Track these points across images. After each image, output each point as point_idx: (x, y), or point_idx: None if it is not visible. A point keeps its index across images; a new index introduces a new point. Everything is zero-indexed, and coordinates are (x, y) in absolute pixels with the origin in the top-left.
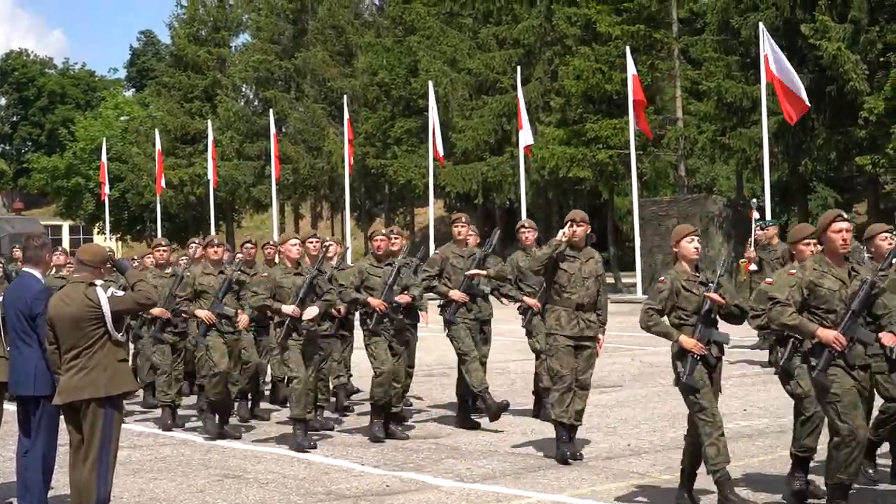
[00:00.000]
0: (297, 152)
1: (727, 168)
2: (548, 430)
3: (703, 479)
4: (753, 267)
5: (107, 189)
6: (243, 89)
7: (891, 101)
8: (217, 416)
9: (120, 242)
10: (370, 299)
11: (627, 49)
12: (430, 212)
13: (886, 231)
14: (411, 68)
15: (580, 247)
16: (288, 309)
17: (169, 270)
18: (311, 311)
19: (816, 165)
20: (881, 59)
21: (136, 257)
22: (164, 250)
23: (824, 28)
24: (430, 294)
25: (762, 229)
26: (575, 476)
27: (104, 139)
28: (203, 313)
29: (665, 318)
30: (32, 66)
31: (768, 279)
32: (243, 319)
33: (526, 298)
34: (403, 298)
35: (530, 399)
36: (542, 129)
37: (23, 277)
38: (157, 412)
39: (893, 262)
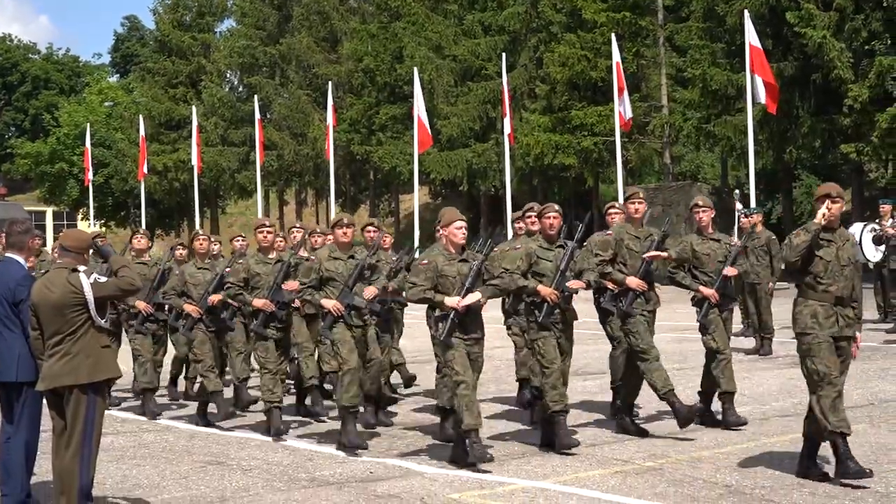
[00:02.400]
0: (281, 138)
1: (712, 156)
2: (528, 417)
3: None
4: None
5: (91, 175)
6: (228, 75)
7: (875, 89)
8: (368, 410)
9: (104, 228)
10: (541, 287)
11: (613, 36)
12: (415, 198)
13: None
14: (396, 55)
15: (834, 227)
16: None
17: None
18: (473, 297)
19: (801, 153)
20: (866, 48)
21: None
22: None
23: (809, 16)
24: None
25: (747, 216)
26: (558, 463)
27: (88, 125)
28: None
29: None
30: (16, 51)
31: None
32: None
33: (702, 288)
34: (577, 284)
35: (514, 386)
36: (528, 116)
37: (6, 263)
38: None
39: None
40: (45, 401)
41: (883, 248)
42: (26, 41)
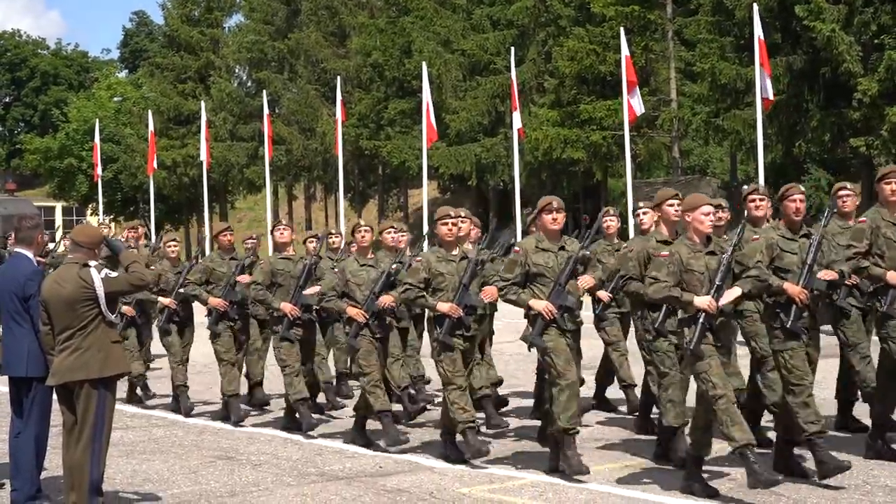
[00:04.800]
0: (290, 133)
1: (721, 150)
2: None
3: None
4: None
5: (100, 170)
6: (236, 70)
7: (885, 83)
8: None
9: (113, 224)
10: (788, 285)
11: (622, 30)
12: (424, 193)
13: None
14: (405, 49)
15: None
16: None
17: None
18: (733, 293)
19: (810, 147)
20: (875, 41)
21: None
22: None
23: (818, 9)
24: None
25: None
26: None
27: (97, 120)
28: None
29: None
30: (25, 46)
31: None
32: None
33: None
34: (828, 275)
35: (524, 381)
36: (536, 110)
37: (15, 258)
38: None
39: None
40: (55, 396)
41: None
42: (35, 37)
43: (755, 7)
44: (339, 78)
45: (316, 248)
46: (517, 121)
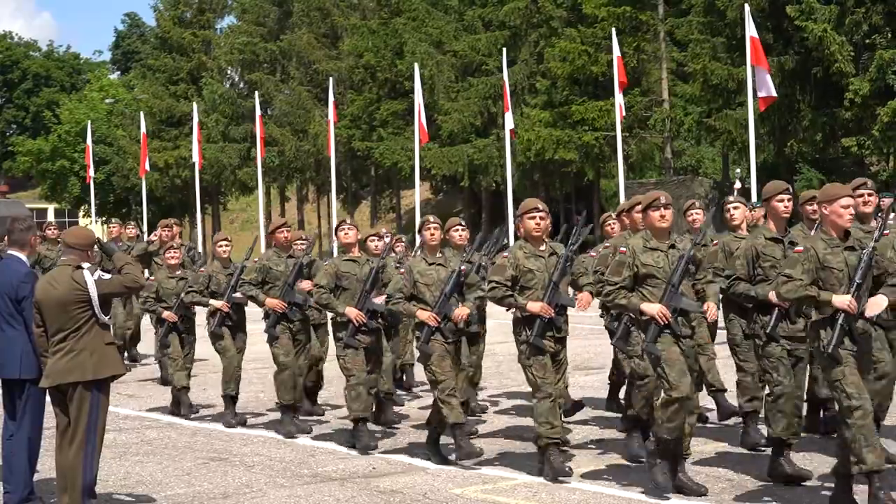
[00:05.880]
0: (282, 135)
1: (713, 150)
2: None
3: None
4: None
5: (92, 172)
6: (228, 72)
7: (876, 83)
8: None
9: (105, 226)
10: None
11: (613, 31)
12: (416, 194)
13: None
14: (397, 50)
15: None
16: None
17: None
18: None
19: (802, 147)
20: (867, 41)
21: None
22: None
23: (810, 9)
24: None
25: (750, 210)
26: (561, 458)
27: (89, 122)
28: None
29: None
30: (17, 48)
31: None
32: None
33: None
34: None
35: (516, 381)
36: (528, 111)
37: (8, 260)
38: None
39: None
40: (48, 398)
41: None
42: (27, 38)
43: (747, 7)
44: (331, 79)
45: (381, 249)
46: (509, 122)
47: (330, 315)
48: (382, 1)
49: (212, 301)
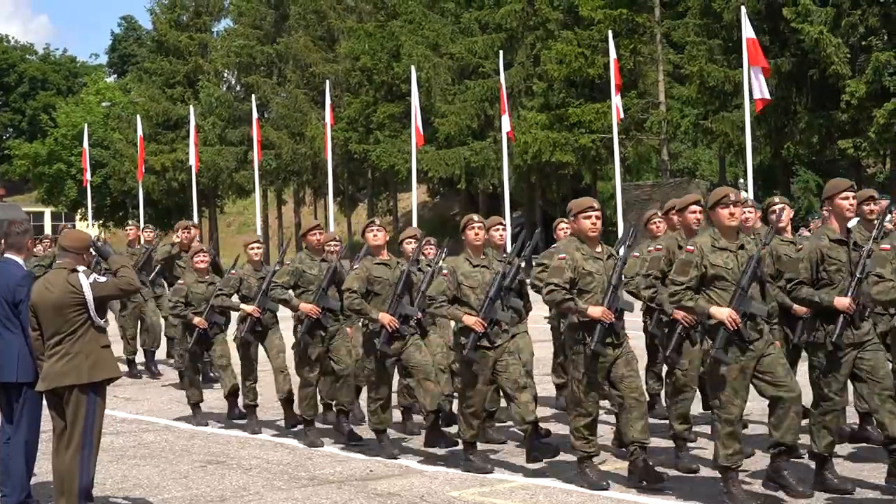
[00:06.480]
0: (279, 137)
1: (710, 152)
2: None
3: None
4: None
5: (89, 175)
6: (225, 75)
7: (872, 85)
8: None
9: (103, 229)
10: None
11: (610, 33)
12: (413, 197)
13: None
14: (393, 53)
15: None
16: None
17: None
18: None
19: (798, 149)
20: (863, 43)
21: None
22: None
23: (806, 11)
24: None
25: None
26: (558, 460)
27: (86, 125)
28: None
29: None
30: (13, 52)
31: None
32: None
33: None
34: None
35: None
36: (525, 113)
37: (5, 264)
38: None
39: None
40: (44, 401)
41: None
42: (24, 42)
43: (743, 9)
44: (327, 82)
45: (415, 251)
46: (506, 124)
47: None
48: (379, 4)
49: (242, 305)
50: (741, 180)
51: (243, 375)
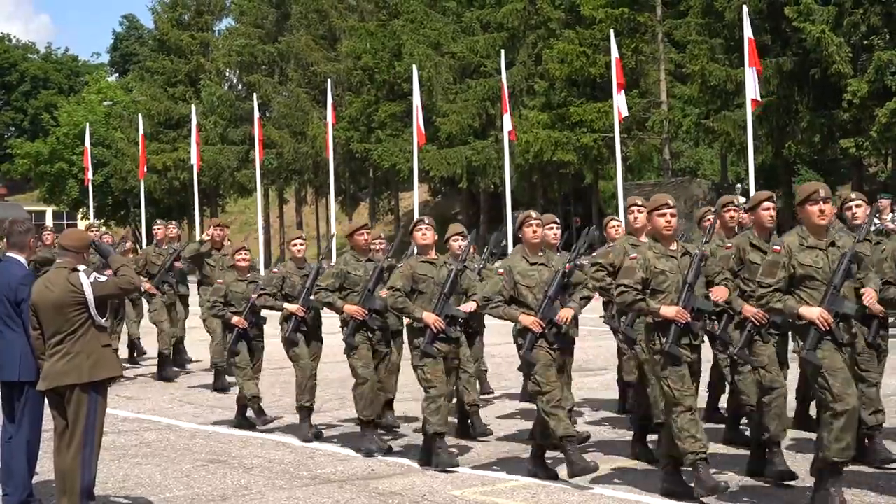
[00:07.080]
0: (281, 137)
1: (711, 151)
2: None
3: None
4: None
5: (90, 174)
6: (227, 74)
7: (874, 84)
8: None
9: (104, 227)
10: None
11: (611, 32)
12: (415, 196)
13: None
14: (395, 52)
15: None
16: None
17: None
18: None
19: (800, 148)
20: (865, 42)
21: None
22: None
23: (808, 10)
24: None
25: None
26: (558, 460)
27: (87, 124)
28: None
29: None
30: (15, 51)
31: None
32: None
33: None
34: None
35: (515, 383)
36: (527, 112)
37: (7, 263)
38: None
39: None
40: (46, 400)
41: None
42: (25, 41)
43: (745, 9)
44: (329, 81)
45: (463, 249)
46: (507, 123)
47: (406, 321)
48: (381, 3)
49: (286, 305)
50: (739, 184)
51: (297, 379)
